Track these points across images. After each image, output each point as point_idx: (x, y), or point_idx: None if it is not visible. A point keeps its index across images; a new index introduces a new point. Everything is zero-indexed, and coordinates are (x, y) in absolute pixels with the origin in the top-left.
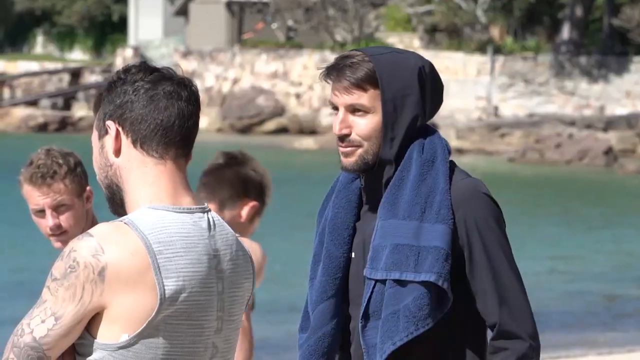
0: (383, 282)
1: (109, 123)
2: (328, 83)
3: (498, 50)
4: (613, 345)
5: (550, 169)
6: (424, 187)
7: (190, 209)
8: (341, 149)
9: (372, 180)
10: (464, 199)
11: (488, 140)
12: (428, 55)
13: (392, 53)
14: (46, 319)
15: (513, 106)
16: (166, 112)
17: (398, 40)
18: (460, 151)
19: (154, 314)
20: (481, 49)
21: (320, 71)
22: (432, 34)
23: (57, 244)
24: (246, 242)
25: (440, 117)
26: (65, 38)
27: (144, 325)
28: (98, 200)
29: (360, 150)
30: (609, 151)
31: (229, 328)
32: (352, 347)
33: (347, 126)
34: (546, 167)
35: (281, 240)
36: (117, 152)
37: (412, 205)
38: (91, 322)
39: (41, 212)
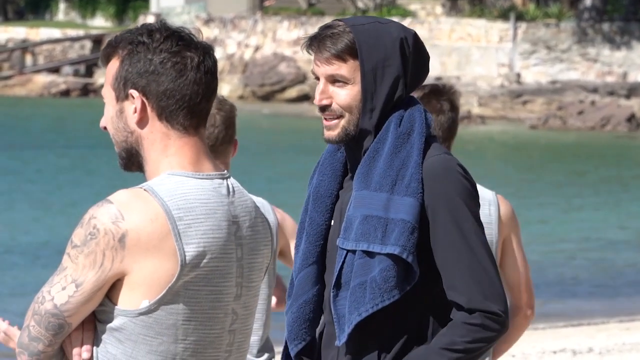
0: (354, 252)
1: (133, 92)
2: (310, 54)
3: (520, 17)
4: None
5: (572, 136)
6: (397, 160)
7: (210, 175)
8: (324, 122)
9: (353, 150)
10: (435, 174)
11: (510, 108)
12: (450, 22)
13: (373, 23)
14: (67, 286)
15: (535, 73)
16: (194, 87)
17: (420, 7)
18: (482, 118)
19: (174, 279)
20: (503, 15)
21: (303, 42)
22: (455, 1)
23: None
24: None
25: (463, 84)
26: (87, 5)
27: (165, 291)
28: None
29: (342, 122)
30: (631, 118)
31: (248, 294)
32: (323, 315)
33: (327, 97)
34: (568, 134)
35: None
36: (141, 122)
37: (383, 178)
38: (112, 289)
39: None
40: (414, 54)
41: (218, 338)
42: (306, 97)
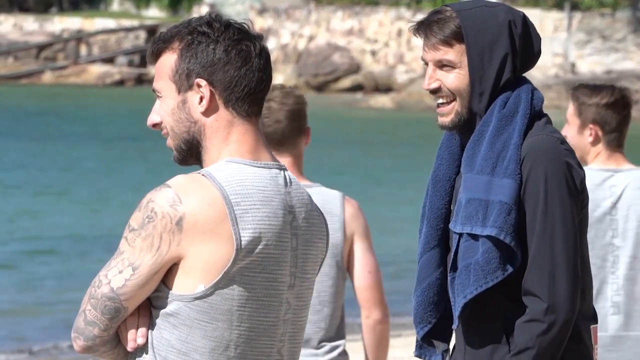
0: (462, 235)
1: (200, 82)
2: (417, 38)
3: (575, 7)
4: None
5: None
6: (498, 142)
7: (268, 164)
8: (438, 109)
9: (466, 134)
10: (529, 155)
11: (565, 97)
12: None
13: (480, 7)
14: (124, 270)
15: (590, 63)
16: (258, 74)
17: None
18: None
19: (229, 264)
20: (558, 5)
21: (410, 26)
22: None
23: None
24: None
25: None
26: None
27: (220, 275)
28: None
29: (455, 106)
30: None
31: (302, 285)
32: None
33: (435, 80)
34: None
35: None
36: (207, 111)
37: (485, 160)
38: (167, 274)
39: None
40: (523, 36)
41: (272, 327)
42: (360, 87)
